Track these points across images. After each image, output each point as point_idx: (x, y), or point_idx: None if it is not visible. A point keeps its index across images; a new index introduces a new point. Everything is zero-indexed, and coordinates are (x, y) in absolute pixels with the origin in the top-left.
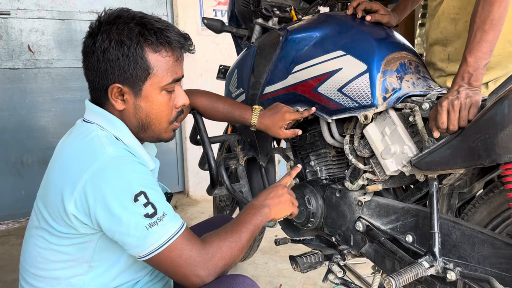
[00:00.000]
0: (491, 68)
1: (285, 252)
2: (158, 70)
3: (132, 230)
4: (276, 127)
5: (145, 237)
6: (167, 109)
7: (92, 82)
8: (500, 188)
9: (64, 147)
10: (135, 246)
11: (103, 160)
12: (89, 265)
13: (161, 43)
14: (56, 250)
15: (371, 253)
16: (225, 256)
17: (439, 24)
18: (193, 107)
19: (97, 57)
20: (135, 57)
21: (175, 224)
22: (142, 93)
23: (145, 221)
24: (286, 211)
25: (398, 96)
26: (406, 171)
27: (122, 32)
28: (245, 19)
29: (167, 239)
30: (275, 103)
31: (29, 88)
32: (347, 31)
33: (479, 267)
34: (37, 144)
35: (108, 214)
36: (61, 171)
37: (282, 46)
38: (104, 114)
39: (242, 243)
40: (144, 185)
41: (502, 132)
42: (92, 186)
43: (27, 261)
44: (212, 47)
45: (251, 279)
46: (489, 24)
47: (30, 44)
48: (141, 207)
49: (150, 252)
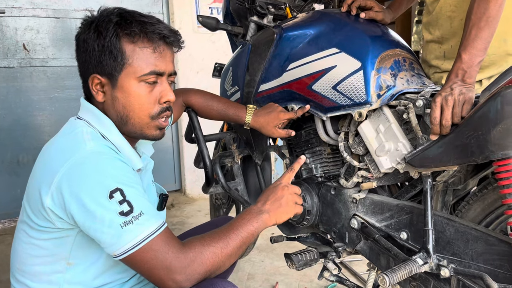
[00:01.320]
0: (485, 67)
1: (282, 249)
2: (134, 60)
3: (106, 228)
4: (271, 126)
5: (119, 235)
6: (146, 102)
7: (79, 73)
8: (493, 184)
9: (50, 143)
10: (109, 244)
11: (81, 154)
12: (67, 262)
13: (137, 33)
14: (35, 245)
15: (366, 250)
16: (207, 262)
17: (437, 22)
18: (188, 105)
19: (79, 47)
20: (109, 47)
21: (152, 224)
22: (118, 83)
23: (120, 219)
24: (288, 214)
25: (392, 94)
26: (400, 168)
27: (101, 23)
28: (240, 16)
29: (142, 239)
30: (270, 102)
31: (25, 86)
32: (341, 28)
33: (472, 264)
34: (33, 143)
35: (83, 209)
36: (43, 166)
37: (276, 43)
38: (93, 110)
39: (230, 250)
40: (121, 182)
41: (495, 129)
42: (67, 180)
43: (14, 256)
44: (208, 45)
45: (233, 284)
46: (485, 21)
47: (25, 42)
48: (116, 204)
49: (125, 252)
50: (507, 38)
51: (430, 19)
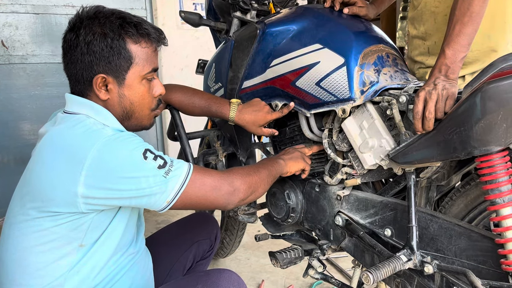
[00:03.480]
0: (469, 63)
1: (268, 247)
2: (139, 60)
3: (153, 184)
4: (256, 125)
5: (166, 184)
6: (149, 97)
7: (75, 75)
8: (476, 180)
9: (56, 136)
10: (159, 196)
11: (105, 138)
12: (80, 243)
13: (141, 34)
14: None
15: (351, 248)
16: (246, 181)
17: (421, 17)
18: (169, 102)
19: (81, 49)
20: (118, 48)
21: (184, 164)
22: (126, 82)
23: (161, 171)
24: (299, 164)
25: (375, 89)
26: (384, 164)
27: (104, 25)
28: (223, 12)
29: (185, 176)
30: (255, 99)
31: (3, 84)
32: (325, 24)
33: (456, 260)
34: (13, 143)
35: (125, 180)
36: (61, 157)
37: (259, 39)
38: (90, 104)
39: (262, 175)
40: (145, 145)
41: (477, 125)
42: (101, 162)
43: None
44: (192, 41)
45: (237, 274)
46: (469, 17)
47: (3, 39)
48: (152, 161)
49: (176, 193)
50: (491, 34)
51: (415, 14)
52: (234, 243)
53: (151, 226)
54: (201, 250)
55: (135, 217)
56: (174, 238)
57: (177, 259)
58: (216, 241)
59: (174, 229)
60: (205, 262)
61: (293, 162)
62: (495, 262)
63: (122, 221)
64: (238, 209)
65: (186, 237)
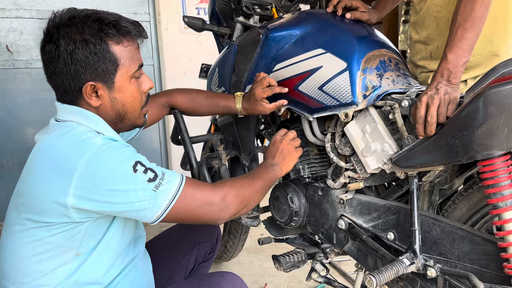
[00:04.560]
0: (471, 67)
1: (271, 251)
2: (125, 60)
3: (142, 198)
4: (257, 103)
5: (156, 198)
6: (139, 96)
7: (62, 86)
8: (479, 184)
9: (46, 146)
10: (149, 211)
11: (94, 148)
12: (76, 252)
13: (122, 34)
14: (40, 241)
15: (354, 251)
16: (239, 194)
17: (424, 22)
18: (175, 106)
19: (64, 60)
20: (102, 53)
21: (177, 177)
22: (115, 85)
23: (151, 185)
24: (294, 160)
25: (378, 94)
26: (386, 168)
27: (83, 31)
28: (226, 17)
29: (176, 190)
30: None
31: (8, 89)
32: (327, 29)
33: (459, 264)
34: (17, 146)
35: (114, 193)
36: (51, 168)
37: (262, 44)
38: (80, 111)
39: (256, 187)
40: (135, 157)
41: (479, 129)
42: (90, 173)
43: (4, 263)
44: (195, 46)
45: (239, 277)
46: (470, 22)
47: (8, 44)
48: (142, 175)
49: (166, 208)
50: (493, 39)
51: (417, 19)
52: (237, 247)
53: (154, 230)
54: (203, 253)
55: (131, 223)
56: (175, 241)
57: (179, 262)
58: (217, 243)
59: (175, 232)
60: (207, 265)
61: (288, 160)
62: (498, 265)
63: (118, 228)
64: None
65: (187, 240)
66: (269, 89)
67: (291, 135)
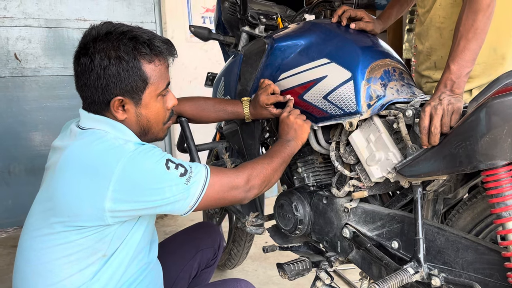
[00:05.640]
0: (476, 76)
1: (275, 258)
2: (154, 79)
3: (176, 192)
4: (263, 108)
5: (188, 190)
6: (163, 112)
7: (91, 97)
8: (483, 193)
9: (77, 153)
10: (183, 202)
11: (129, 153)
12: (103, 254)
13: (155, 54)
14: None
15: (358, 260)
16: (260, 174)
17: (427, 32)
18: (183, 115)
19: (97, 74)
20: (134, 70)
21: (202, 168)
22: (142, 102)
23: (183, 179)
24: (306, 132)
25: (382, 103)
26: (391, 177)
27: (118, 48)
28: (232, 26)
29: (205, 180)
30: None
31: (16, 96)
32: (332, 39)
33: (463, 273)
34: (24, 153)
35: (151, 191)
36: (85, 174)
37: (268, 53)
38: (107, 121)
39: (274, 165)
40: (165, 155)
41: (482, 139)
42: (127, 177)
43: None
44: (201, 54)
45: (252, 285)
46: (473, 33)
47: (17, 52)
48: (174, 171)
49: (198, 198)
50: (497, 47)
51: (421, 29)
52: (241, 254)
53: (159, 236)
54: (205, 259)
55: (152, 224)
56: (179, 247)
57: (183, 267)
58: (220, 249)
59: (178, 239)
60: (210, 270)
61: (300, 133)
62: (502, 275)
63: (140, 229)
64: (246, 221)
65: (190, 246)
66: (273, 96)
67: (297, 111)
